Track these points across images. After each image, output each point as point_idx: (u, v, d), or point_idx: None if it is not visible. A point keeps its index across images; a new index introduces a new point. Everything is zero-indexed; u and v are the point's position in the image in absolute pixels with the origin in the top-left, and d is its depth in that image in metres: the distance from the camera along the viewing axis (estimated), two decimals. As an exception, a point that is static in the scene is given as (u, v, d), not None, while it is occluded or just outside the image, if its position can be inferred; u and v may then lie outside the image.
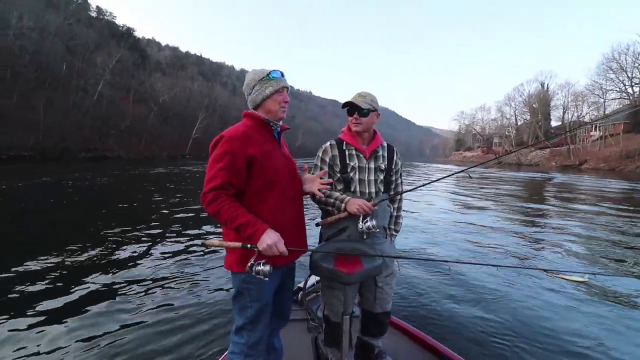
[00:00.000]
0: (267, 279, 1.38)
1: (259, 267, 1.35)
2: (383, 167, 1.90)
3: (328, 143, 1.94)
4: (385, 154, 1.94)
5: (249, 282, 1.47)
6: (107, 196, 11.87)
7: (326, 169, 1.89)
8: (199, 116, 58.00)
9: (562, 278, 4.65)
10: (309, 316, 2.57)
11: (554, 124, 64.07)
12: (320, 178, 1.79)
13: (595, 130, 51.08)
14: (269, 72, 1.55)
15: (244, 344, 1.51)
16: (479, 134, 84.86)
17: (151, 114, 51.63)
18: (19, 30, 36.82)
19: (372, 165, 1.88)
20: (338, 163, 1.86)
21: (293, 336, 2.34)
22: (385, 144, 1.99)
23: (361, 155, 1.87)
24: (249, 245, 1.39)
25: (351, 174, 1.85)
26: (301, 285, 2.81)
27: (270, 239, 1.36)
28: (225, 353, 1.73)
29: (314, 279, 2.81)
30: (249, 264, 1.37)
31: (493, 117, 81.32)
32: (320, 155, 1.93)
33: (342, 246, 1.71)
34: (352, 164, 1.85)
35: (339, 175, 1.87)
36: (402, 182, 2.06)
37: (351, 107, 1.86)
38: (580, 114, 55.72)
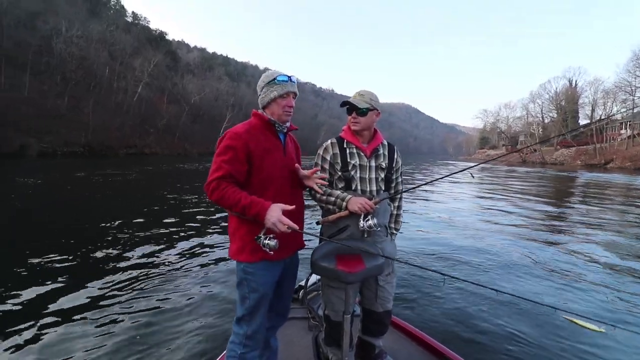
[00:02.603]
0: (272, 252, 1.43)
1: (266, 241, 1.40)
2: (384, 165, 1.90)
3: (329, 141, 1.94)
4: (386, 153, 1.95)
5: (247, 271, 1.54)
6: (140, 191, 12.47)
7: (327, 167, 1.90)
8: (226, 115, 61.00)
9: (573, 321, 3.49)
10: (309, 315, 2.56)
11: (582, 122, 62.51)
12: (318, 173, 1.80)
13: (625, 128, 49.85)
14: (276, 77, 1.59)
15: (243, 335, 1.57)
16: (504, 132, 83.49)
17: (183, 113, 55.00)
18: (68, 38, 40.62)
19: (373, 163, 1.89)
20: (339, 161, 1.87)
21: (294, 334, 2.33)
22: (385, 143, 1.99)
23: (362, 154, 1.88)
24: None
25: (352, 172, 1.85)
26: (302, 283, 2.84)
27: (273, 217, 1.39)
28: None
29: (315, 277, 2.82)
30: (257, 237, 1.42)
31: (518, 115, 79.91)
32: (321, 153, 1.92)
33: (343, 245, 1.71)
34: (353, 162, 1.86)
35: (340, 173, 1.86)
36: (402, 180, 2.07)
37: (350, 106, 1.86)
38: (610, 112, 54.18)
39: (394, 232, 2.05)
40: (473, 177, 2.80)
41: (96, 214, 7.78)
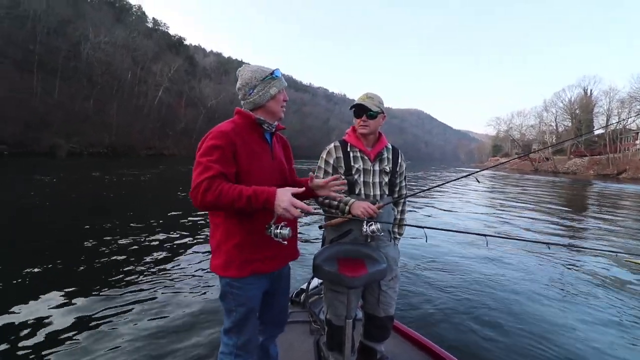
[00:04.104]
0: (285, 242, 1.34)
1: (277, 230, 1.31)
2: (388, 169, 1.89)
3: (332, 145, 1.92)
4: (390, 156, 1.93)
5: (233, 285, 1.45)
6: (151, 191, 12.58)
7: (330, 170, 1.88)
8: (241, 118, 62.98)
9: (629, 261, 4.64)
10: (311, 318, 2.55)
11: (597, 131, 61.94)
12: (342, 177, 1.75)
13: (640, 139, 49.52)
14: (273, 71, 1.49)
15: (233, 345, 1.51)
16: (517, 140, 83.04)
17: (200, 116, 56.94)
18: (96, 44, 42.90)
19: (377, 167, 1.87)
20: (342, 165, 1.86)
21: (295, 338, 2.32)
22: (390, 146, 1.96)
23: (366, 158, 1.86)
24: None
25: (355, 176, 1.84)
26: (304, 286, 2.82)
27: (284, 202, 1.25)
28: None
29: (316, 280, 2.81)
30: (268, 226, 1.33)
31: (531, 124, 79.53)
32: (324, 157, 1.91)
33: (345, 249, 1.71)
34: (356, 166, 1.85)
35: (343, 177, 1.83)
36: (406, 184, 2.05)
37: (360, 109, 1.84)
38: (625, 122, 53.66)
39: (398, 237, 2.04)
40: (478, 181, 2.76)
41: (99, 214, 7.73)
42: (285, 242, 1.35)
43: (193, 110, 57.57)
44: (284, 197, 1.27)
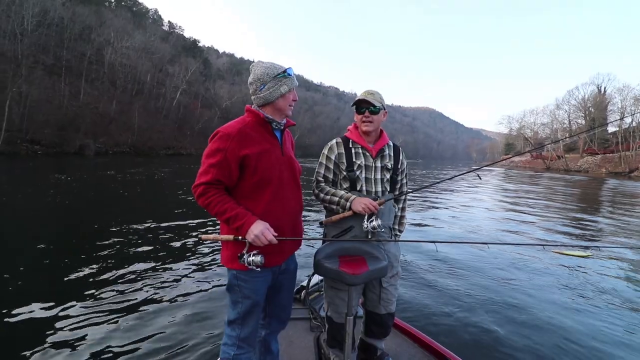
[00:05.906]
0: (259, 269, 1.40)
1: (250, 258, 1.37)
2: (389, 166, 1.89)
3: (334, 141, 1.93)
4: (392, 153, 1.94)
5: (240, 278, 1.50)
6: (163, 190, 12.71)
7: (332, 166, 1.89)
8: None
9: (563, 253, 5.02)
10: (311, 315, 2.55)
11: (611, 129, 61.36)
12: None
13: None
14: (285, 70, 1.51)
15: (236, 337, 1.54)
16: (529, 139, 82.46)
17: (215, 117, 58.87)
18: (119, 49, 45.15)
19: (378, 164, 1.88)
20: (344, 161, 1.86)
21: (295, 335, 2.32)
22: (391, 143, 1.97)
23: (368, 154, 1.87)
24: (240, 237, 1.41)
25: (357, 173, 1.84)
26: (304, 283, 2.81)
27: (257, 229, 1.36)
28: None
29: (317, 277, 2.80)
30: (240, 255, 1.39)
31: (544, 122, 78.93)
32: (326, 153, 1.91)
33: (346, 246, 1.71)
34: (358, 162, 1.85)
35: (344, 173, 1.85)
36: (407, 182, 2.06)
37: (363, 104, 1.84)
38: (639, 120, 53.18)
39: (398, 233, 2.05)
40: (480, 178, 3.23)
41: (103, 213, 7.75)
42: (259, 269, 1.42)
43: (208, 111, 59.57)
44: (259, 225, 1.40)
